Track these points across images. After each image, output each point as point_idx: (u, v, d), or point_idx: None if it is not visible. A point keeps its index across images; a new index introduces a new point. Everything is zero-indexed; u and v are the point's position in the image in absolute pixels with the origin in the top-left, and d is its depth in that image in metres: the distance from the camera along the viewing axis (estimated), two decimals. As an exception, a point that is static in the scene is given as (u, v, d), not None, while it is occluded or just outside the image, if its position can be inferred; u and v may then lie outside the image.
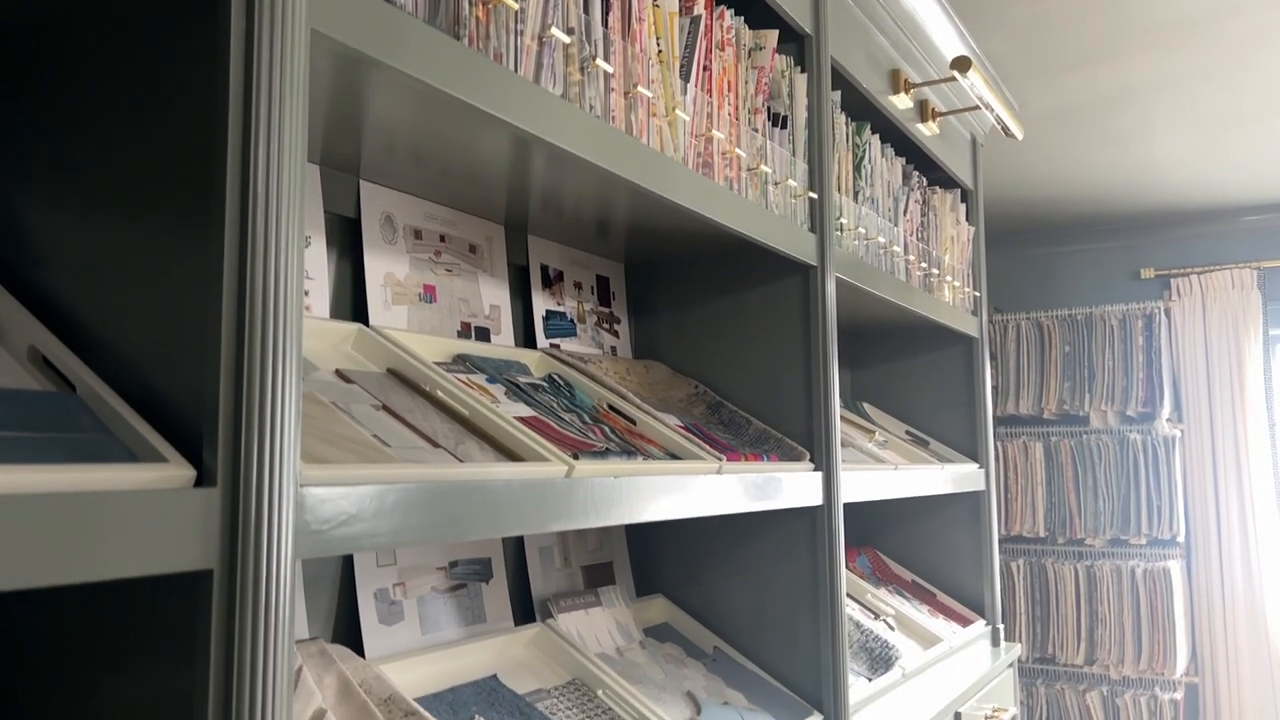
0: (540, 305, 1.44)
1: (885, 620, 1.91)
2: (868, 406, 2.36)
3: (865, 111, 1.86)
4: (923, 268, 2.06)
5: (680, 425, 1.32)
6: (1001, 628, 2.35)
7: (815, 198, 1.52)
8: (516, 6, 0.90)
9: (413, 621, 1.16)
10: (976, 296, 2.42)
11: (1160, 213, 3.79)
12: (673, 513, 1.10)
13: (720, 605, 1.55)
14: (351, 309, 1.16)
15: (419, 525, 0.75)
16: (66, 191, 0.70)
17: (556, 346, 1.44)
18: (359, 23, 0.73)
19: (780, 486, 1.34)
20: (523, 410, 1.12)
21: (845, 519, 1.49)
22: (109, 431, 0.60)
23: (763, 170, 1.37)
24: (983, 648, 2.26)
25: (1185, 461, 3.75)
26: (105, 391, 0.63)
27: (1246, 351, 3.68)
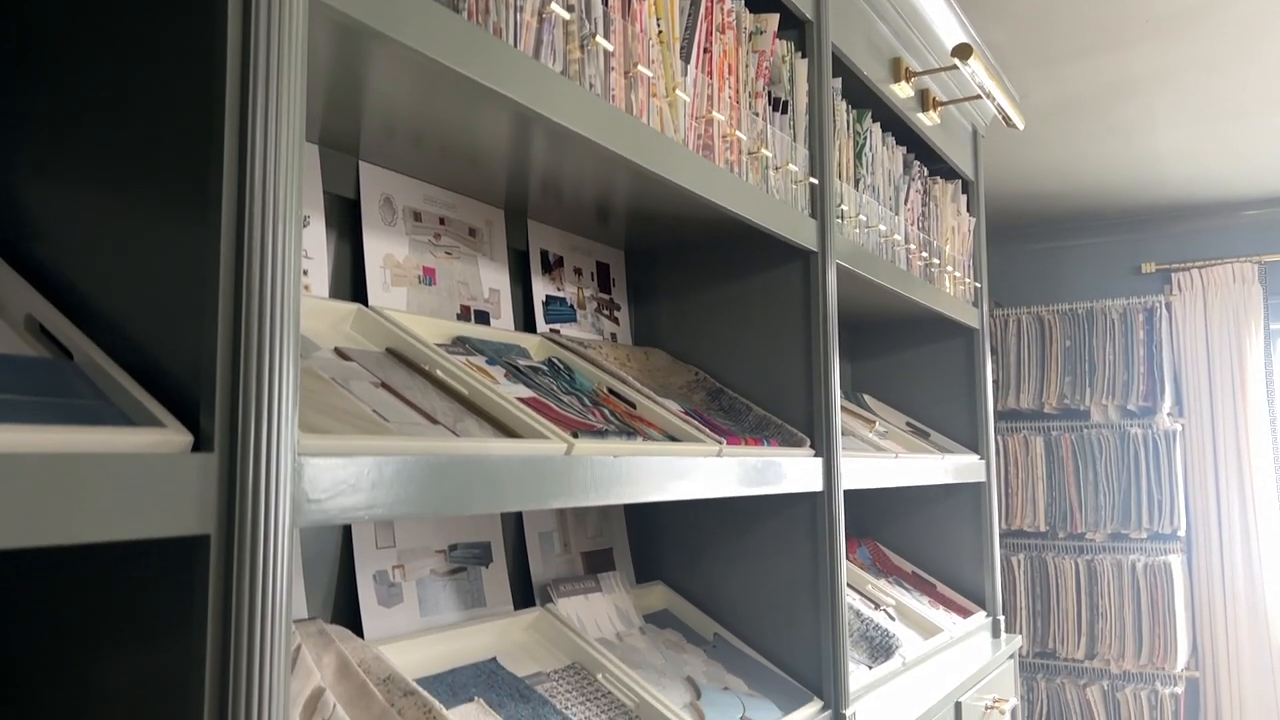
0: (540, 290, 1.43)
1: (885, 610, 1.91)
2: (868, 398, 2.36)
3: (866, 99, 1.85)
4: (923, 258, 2.06)
5: (681, 410, 1.31)
6: (1002, 619, 2.34)
7: (816, 183, 1.51)
8: (516, -18, 0.89)
9: (412, 604, 1.16)
10: (977, 288, 2.42)
11: (1161, 206, 3.79)
12: (673, 494, 1.10)
13: (720, 592, 1.55)
14: (351, 290, 1.16)
15: (417, 498, 0.75)
16: (66, 166, 0.70)
17: (556, 331, 1.44)
18: (358, -7, 0.73)
19: (781, 471, 1.33)
20: (522, 391, 1.12)
21: (845, 510, 1.48)
22: (106, 398, 0.60)
23: (763, 154, 1.37)
24: (983, 639, 2.25)
25: (1186, 456, 3.75)
26: (103, 359, 0.62)
27: (1247, 346, 3.68)
